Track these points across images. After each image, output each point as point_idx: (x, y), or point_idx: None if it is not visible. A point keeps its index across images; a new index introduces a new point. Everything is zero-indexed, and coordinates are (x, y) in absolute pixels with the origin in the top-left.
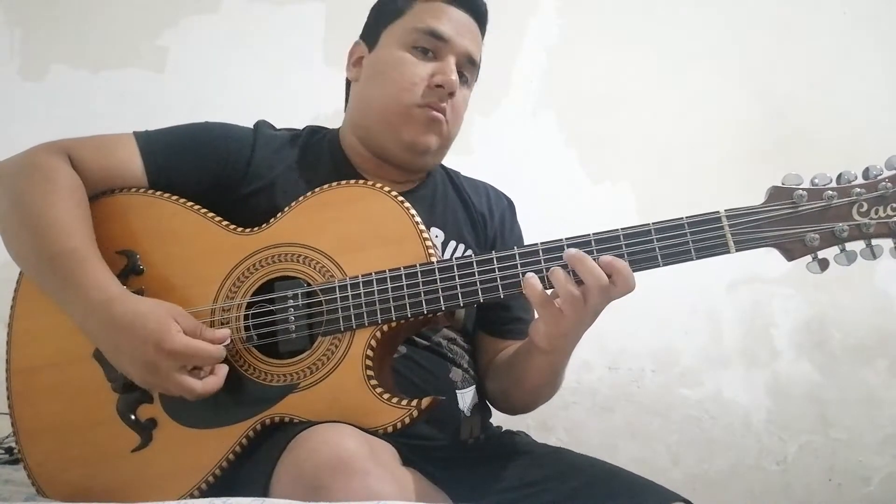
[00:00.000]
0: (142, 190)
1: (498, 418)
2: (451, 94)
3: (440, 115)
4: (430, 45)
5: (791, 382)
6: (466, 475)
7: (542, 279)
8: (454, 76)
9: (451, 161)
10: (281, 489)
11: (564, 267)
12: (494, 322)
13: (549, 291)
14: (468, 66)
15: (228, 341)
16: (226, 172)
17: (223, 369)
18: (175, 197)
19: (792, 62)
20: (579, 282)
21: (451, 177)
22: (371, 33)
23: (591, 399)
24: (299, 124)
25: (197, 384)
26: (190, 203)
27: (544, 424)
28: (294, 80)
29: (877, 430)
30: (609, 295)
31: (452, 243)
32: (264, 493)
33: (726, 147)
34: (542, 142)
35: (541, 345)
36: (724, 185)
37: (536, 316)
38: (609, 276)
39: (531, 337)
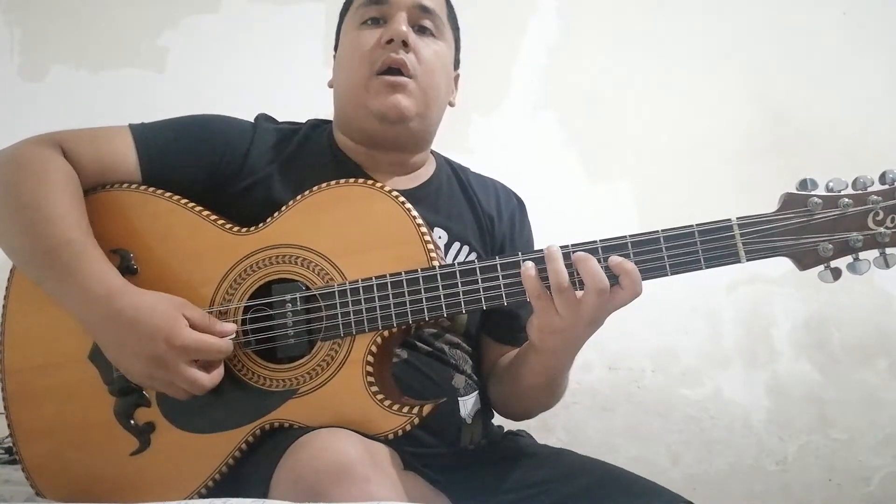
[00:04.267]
0: (135, 186)
1: (500, 418)
2: (405, 44)
3: (399, 78)
4: (377, 13)
5: (791, 382)
6: (468, 478)
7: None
8: (402, 27)
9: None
10: (280, 495)
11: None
12: (504, 329)
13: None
14: (424, 16)
15: (234, 335)
16: (221, 166)
17: (221, 363)
18: (170, 194)
19: (792, 63)
20: (581, 282)
21: (459, 174)
22: (337, 39)
23: (591, 399)
24: None
25: (205, 377)
26: (185, 201)
27: (545, 424)
28: (294, 80)
29: (877, 430)
30: (611, 300)
31: (456, 245)
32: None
33: (726, 147)
34: (542, 141)
35: (533, 339)
36: (723, 184)
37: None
38: (617, 277)
39: (527, 332)
